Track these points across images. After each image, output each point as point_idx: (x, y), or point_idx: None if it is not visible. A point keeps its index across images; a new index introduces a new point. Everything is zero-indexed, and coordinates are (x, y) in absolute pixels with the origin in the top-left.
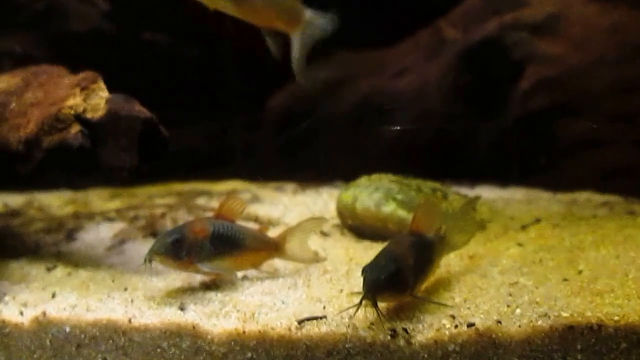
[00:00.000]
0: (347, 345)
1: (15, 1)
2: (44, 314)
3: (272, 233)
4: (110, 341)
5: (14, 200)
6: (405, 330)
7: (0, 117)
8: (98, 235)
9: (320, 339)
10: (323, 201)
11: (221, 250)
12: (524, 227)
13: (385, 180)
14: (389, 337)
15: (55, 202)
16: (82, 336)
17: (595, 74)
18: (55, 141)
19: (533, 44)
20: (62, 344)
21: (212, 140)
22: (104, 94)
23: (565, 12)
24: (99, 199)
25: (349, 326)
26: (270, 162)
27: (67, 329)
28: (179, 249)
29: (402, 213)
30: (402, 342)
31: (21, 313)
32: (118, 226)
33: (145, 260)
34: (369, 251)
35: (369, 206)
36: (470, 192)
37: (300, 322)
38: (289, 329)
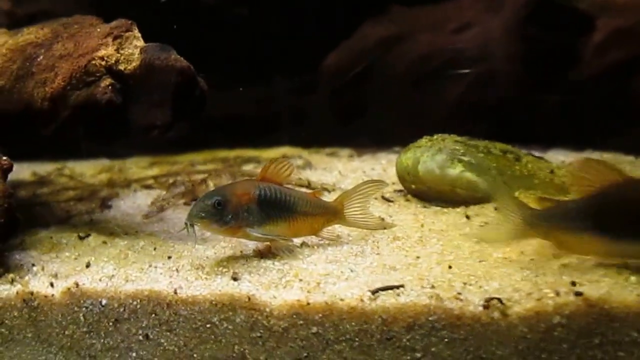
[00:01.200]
0: (430, 318)
1: None
2: (77, 285)
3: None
4: (153, 315)
5: (44, 168)
6: (499, 300)
7: (26, 72)
8: (134, 203)
9: (398, 310)
10: (381, 167)
11: (272, 215)
12: None
13: (449, 141)
14: (480, 309)
15: (89, 170)
16: (121, 310)
17: None
18: (82, 97)
19: None
20: (98, 319)
21: (261, 105)
22: (139, 42)
23: None
24: (136, 167)
25: (432, 296)
26: (323, 128)
27: (104, 302)
28: (222, 212)
29: (470, 176)
30: (496, 314)
31: (51, 284)
32: (156, 194)
33: (186, 226)
34: (441, 216)
35: (432, 169)
36: (543, 156)
37: (374, 292)
38: (361, 300)
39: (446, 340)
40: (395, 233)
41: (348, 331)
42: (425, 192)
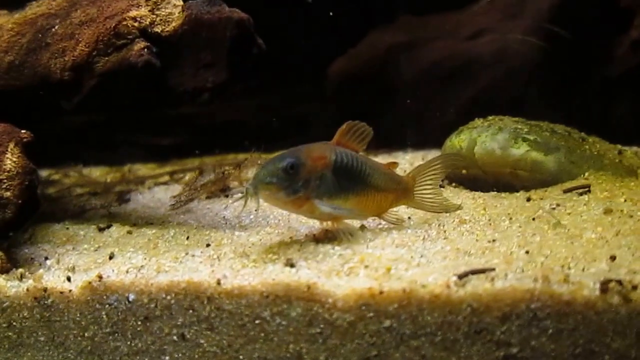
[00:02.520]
0: (532, 306)
1: None
2: (100, 278)
3: None
4: (190, 311)
5: (46, 173)
6: (619, 282)
7: (39, 44)
8: (154, 197)
9: (493, 298)
10: (407, 161)
11: (344, 186)
12: None
13: (508, 121)
14: (597, 293)
15: (95, 173)
16: (152, 305)
17: None
18: (112, 62)
19: None
20: (124, 317)
21: (267, 112)
22: (178, 1)
23: None
24: (145, 168)
25: (536, 279)
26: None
27: (131, 297)
28: (294, 177)
29: (536, 155)
30: (615, 300)
31: (68, 279)
32: (175, 189)
33: (245, 193)
34: (503, 200)
35: (493, 149)
36: None
37: (462, 276)
38: (447, 286)
39: (550, 331)
40: (461, 216)
41: (429, 324)
42: (476, 178)
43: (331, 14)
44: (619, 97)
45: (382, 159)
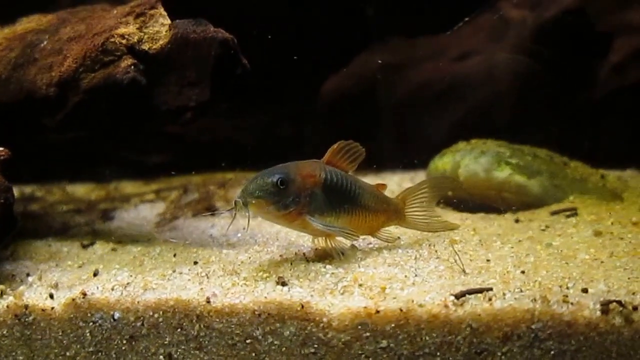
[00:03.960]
0: (534, 326)
1: None
2: (84, 295)
3: None
4: (179, 330)
5: (30, 189)
6: (620, 303)
7: (27, 59)
8: (139, 214)
9: (493, 318)
10: (395, 182)
11: (335, 204)
12: None
13: (491, 144)
14: (598, 314)
15: (80, 190)
16: (138, 324)
17: None
18: (98, 79)
19: (620, 14)
20: (109, 336)
21: (258, 132)
22: (165, 20)
23: None
24: (131, 186)
25: (535, 299)
26: (322, 151)
27: (117, 315)
28: (283, 193)
29: (519, 179)
30: (617, 320)
31: (51, 296)
32: (161, 206)
33: (235, 205)
34: (492, 221)
35: (477, 172)
36: None
37: (460, 295)
38: (445, 306)
39: (553, 352)
40: (452, 237)
41: (427, 344)
42: (463, 199)
43: (324, 33)
44: (602, 119)
45: (370, 180)
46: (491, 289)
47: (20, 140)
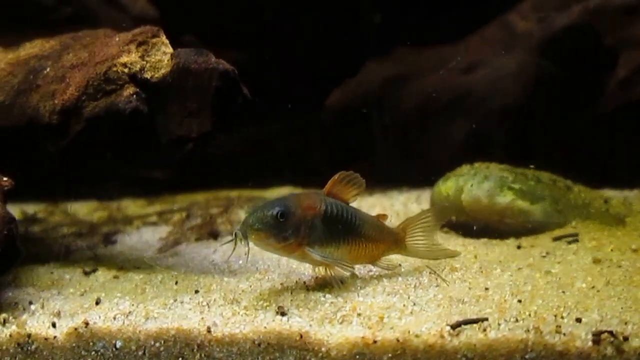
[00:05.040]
0: (527, 356)
1: (43, 4)
2: (87, 324)
3: None
4: (180, 359)
5: (32, 208)
6: (611, 333)
7: (29, 86)
8: (141, 238)
9: (487, 348)
10: (400, 202)
11: (335, 235)
12: None
13: (494, 168)
14: (589, 344)
15: (82, 210)
16: (140, 353)
17: None
18: (100, 107)
19: (627, 28)
20: None
21: (258, 145)
22: (167, 49)
23: None
24: (134, 205)
25: (528, 330)
26: (321, 168)
27: (119, 344)
28: (284, 225)
29: (522, 204)
30: (609, 350)
31: (53, 325)
32: (163, 230)
33: (235, 237)
34: (494, 247)
35: (479, 197)
36: None
37: (455, 326)
38: (441, 336)
39: None
40: (452, 264)
41: None
42: (468, 224)
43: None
44: (609, 135)
45: (376, 199)
46: (486, 319)
47: (23, 163)
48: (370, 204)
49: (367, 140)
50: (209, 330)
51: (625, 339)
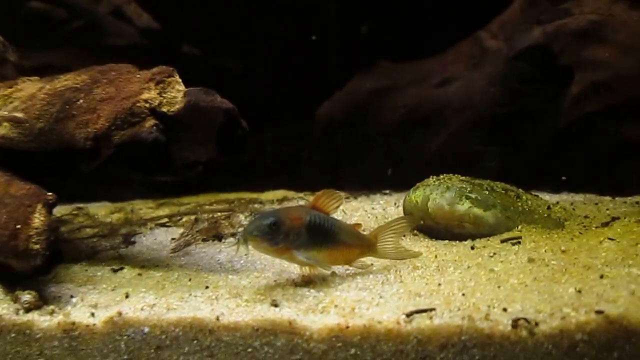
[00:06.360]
0: (462, 338)
1: (55, 18)
2: (120, 314)
3: None
4: (195, 342)
5: (58, 210)
6: (526, 320)
7: (66, 115)
8: (156, 239)
9: (433, 332)
10: (380, 206)
11: (317, 241)
12: (605, 224)
13: (455, 180)
14: (509, 328)
15: (101, 211)
16: (163, 337)
17: None
18: (127, 136)
19: (580, 50)
20: (139, 346)
21: (256, 152)
22: (181, 87)
23: (608, 20)
24: (145, 207)
25: (464, 317)
26: (313, 173)
27: (146, 330)
28: (275, 233)
29: (477, 211)
30: (524, 333)
31: (92, 314)
32: (174, 231)
33: (237, 241)
34: (452, 248)
35: (442, 205)
36: None
37: (409, 314)
38: (397, 323)
39: (477, 358)
40: (415, 263)
41: (385, 352)
42: (433, 228)
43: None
44: (564, 147)
45: (359, 203)
46: (434, 309)
47: (58, 179)
48: (354, 207)
49: (353, 147)
50: (218, 319)
51: (537, 324)
